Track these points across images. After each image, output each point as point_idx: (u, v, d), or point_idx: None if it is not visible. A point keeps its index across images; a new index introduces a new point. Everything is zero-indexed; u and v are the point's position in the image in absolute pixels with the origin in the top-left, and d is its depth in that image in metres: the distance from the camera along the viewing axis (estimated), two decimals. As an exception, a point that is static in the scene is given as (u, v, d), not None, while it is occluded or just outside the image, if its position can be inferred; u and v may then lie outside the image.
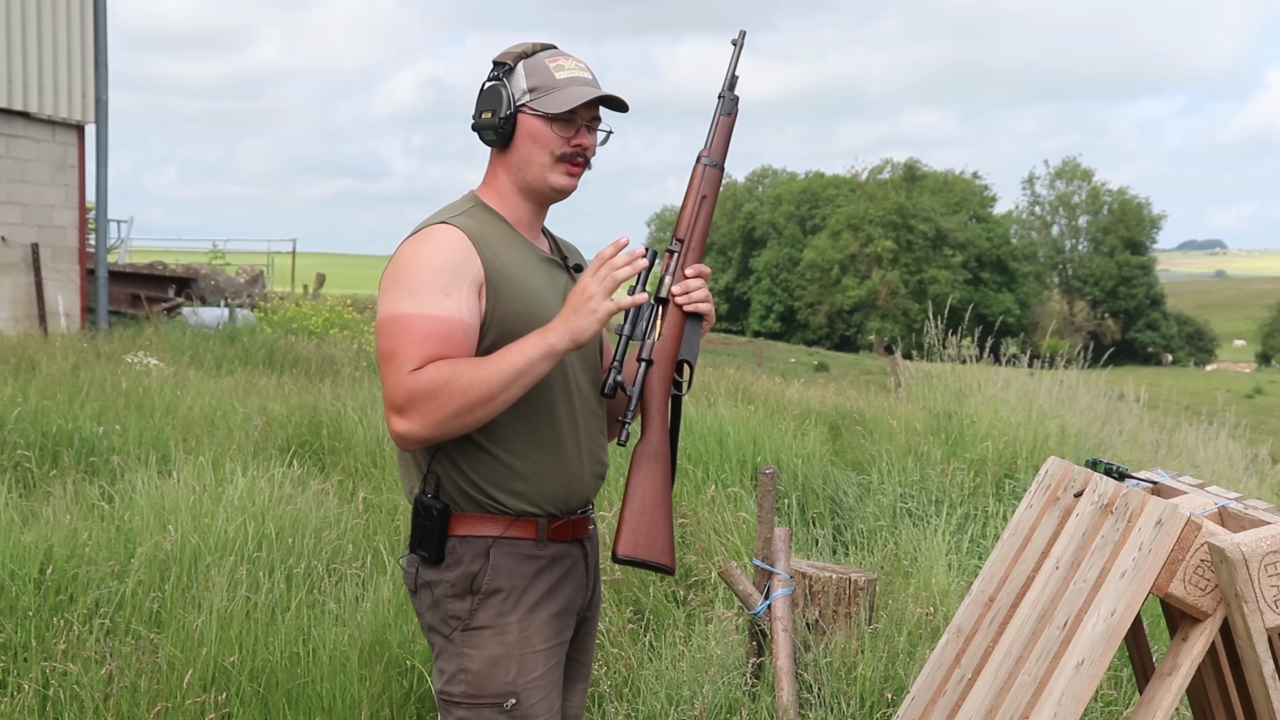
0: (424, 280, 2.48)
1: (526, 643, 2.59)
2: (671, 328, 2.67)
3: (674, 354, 2.67)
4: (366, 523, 6.38)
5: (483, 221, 2.62)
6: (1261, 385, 58.38)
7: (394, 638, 4.50)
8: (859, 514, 7.03)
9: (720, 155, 2.73)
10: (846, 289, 76.50)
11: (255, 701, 4.26)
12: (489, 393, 2.41)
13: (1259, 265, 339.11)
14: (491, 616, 2.58)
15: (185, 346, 14.73)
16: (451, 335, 2.46)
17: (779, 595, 4.66)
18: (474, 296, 2.51)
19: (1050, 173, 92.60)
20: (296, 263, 35.56)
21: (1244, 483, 8.56)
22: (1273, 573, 2.73)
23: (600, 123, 2.69)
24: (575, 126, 2.63)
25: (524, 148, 2.63)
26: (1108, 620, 2.86)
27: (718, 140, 2.73)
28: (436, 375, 2.39)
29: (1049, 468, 3.57)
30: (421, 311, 2.45)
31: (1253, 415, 17.30)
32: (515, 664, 2.58)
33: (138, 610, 4.84)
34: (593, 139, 2.67)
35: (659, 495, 2.63)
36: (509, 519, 2.59)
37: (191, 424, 8.83)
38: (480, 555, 2.57)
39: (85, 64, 18.14)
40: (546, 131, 2.61)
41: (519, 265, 2.60)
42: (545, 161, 2.63)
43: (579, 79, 2.63)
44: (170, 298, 21.43)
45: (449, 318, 2.46)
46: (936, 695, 3.41)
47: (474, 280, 2.51)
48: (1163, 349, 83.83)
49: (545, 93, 2.60)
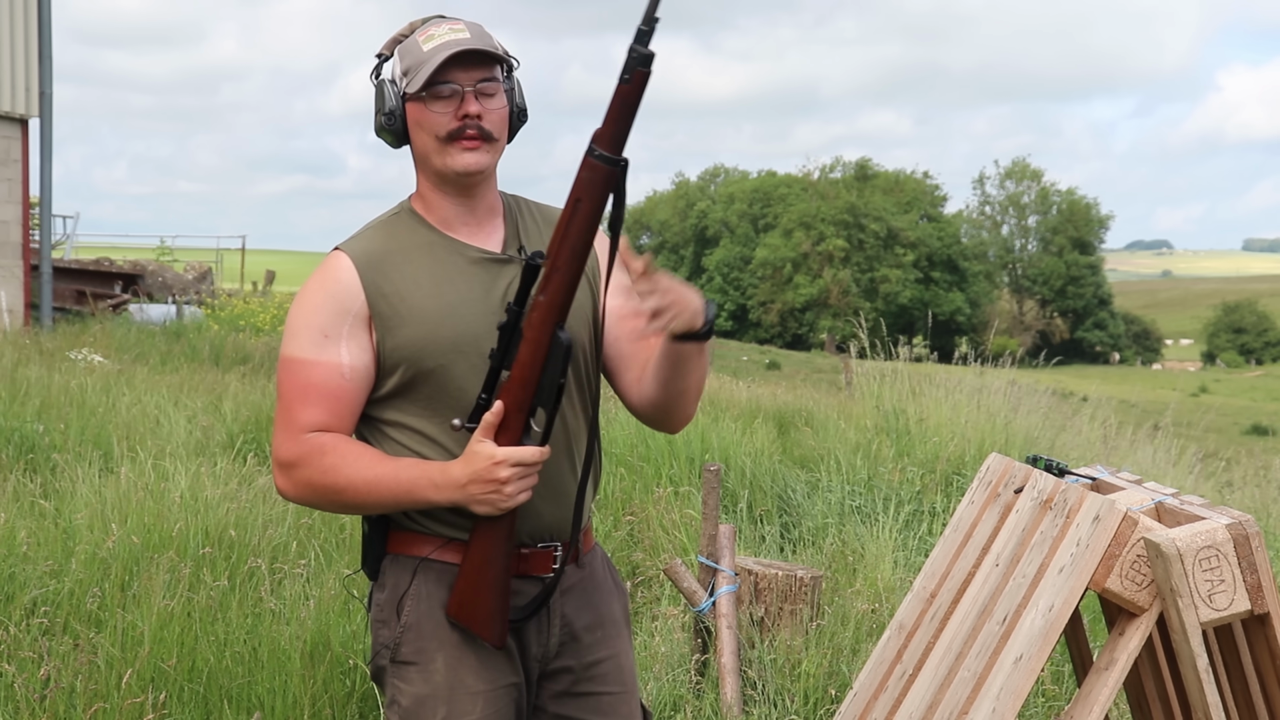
0: (307, 320, 2.33)
1: (458, 683, 2.35)
2: (524, 359, 2.26)
3: (525, 384, 2.26)
4: (312, 521, 6.33)
5: (395, 234, 2.39)
6: (1206, 384, 59.14)
7: (336, 636, 4.47)
8: (807, 511, 7.05)
9: (608, 142, 2.16)
10: (798, 287, 76.79)
11: (194, 701, 4.22)
12: (362, 500, 2.30)
13: (1204, 265, 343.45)
14: (414, 651, 2.37)
15: (131, 343, 14.58)
16: (329, 384, 2.31)
17: (723, 592, 4.66)
18: (360, 333, 2.32)
19: (1000, 173, 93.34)
20: (247, 259, 35.28)
21: (1184, 479, 8.66)
22: (1207, 568, 2.76)
23: (498, 85, 2.33)
24: (459, 96, 2.29)
25: (418, 139, 2.35)
26: (1046, 615, 2.88)
27: (607, 120, 2.16)
28: (320, 460, 2.29)
29: (990, 464, 3.59)
30: (302, 356, 2.32)
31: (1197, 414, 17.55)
32: (444, 705, 2.35)
33: (76, 610, 4.78)
34: (485, 104, 2.31)
35: (486, 562, 2.31)
36: (440, 540, 2.37)
37: (135, 421, 8.74)
38: (408, 575, 2.38)
39: (29, 57, 17.91)
40: (426, 113, 2.30)
41: (420, 284, 2.34)
42: (436, 145, 2.32)
43: (448, 43, 2.28)
44: (117, 294, 21.21)
45: (327, 363, 2.31)
46: (878, 691, 3.42)
47: (357, 315, 2.32)
48: (1110, 348, 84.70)
49: (415, 72, 2.30)
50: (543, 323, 2.23)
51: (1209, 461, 10.47)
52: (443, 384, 2.33)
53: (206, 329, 17.14)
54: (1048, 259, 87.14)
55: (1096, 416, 10.42)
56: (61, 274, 20.65)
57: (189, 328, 17.02)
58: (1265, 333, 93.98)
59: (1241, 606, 2.80)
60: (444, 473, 2.25)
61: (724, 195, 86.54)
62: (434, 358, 2.32)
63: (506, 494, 2.23)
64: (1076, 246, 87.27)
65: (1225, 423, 33.30)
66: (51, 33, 18.22)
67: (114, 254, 30.59)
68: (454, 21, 2.35)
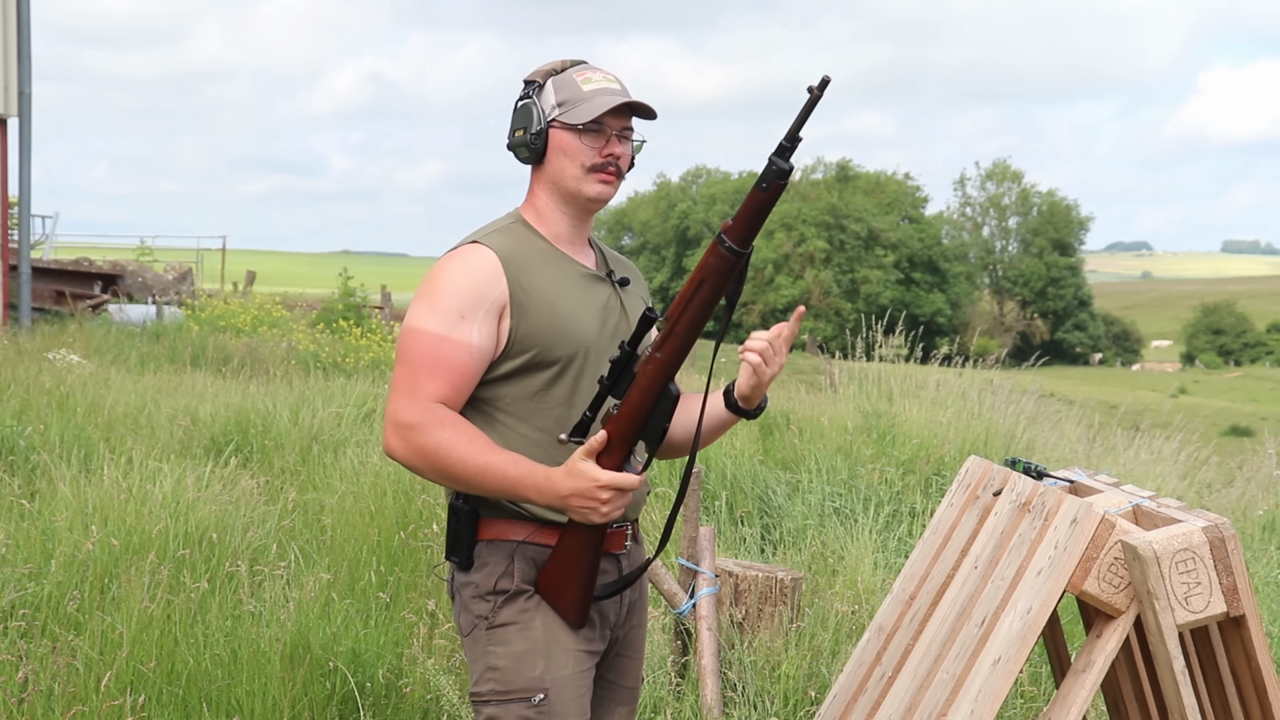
0: (445, 300, 2.59)
1: (554, 639, 2.62)
2: (634, 400, 2.56)
3: (633, 421, 2.56)
4: (293, 523, 6.32)
5: (519, 238, 2.69)
6: (1185, 385, 59.37)
7: (316, 639, 4.46)
8: (787, 513, 7.06)
9: (738, 237, 2.48)
10: (780, 288, 76.82)
11: (174, 704, 4.21)
12: (467, 480, 2.54)
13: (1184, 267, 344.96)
14: (515, 613, 2.63)
15: (110, 344, 14.52)
16: (457, 361, 2.57)
17: (704, 594, 4.67)
18: (492, 321, 2.60)
19: (981, 174, 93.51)
20: (228, 260, 35.16)
21: (1166, 481, 8.70)
22: (1183, 570, 2.78)
23: (633, 132, 2.72)
24: (605, 136, 2.66)
25: (556, 161, 2.68)
26: (1024, 618, 2.90)
27: (739, 218, 2.49)
28: (439, 431, 2.53)
29: (969, 467, 3.60)
30: (436, 330, 2.58)
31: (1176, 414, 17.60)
32: (542, 659, 2.61)
33: (55, 612, 4.76)
34: (625, 148, 2.70)
35: (577, 555, 2.61)
36: (535, 524, 2.63)
37: (115, 422, 8.70)
38: (505, 558, 2.64)
39: (7, 56, 17.81)
40: (576, 143, 2.65)
41: (549, 283, 2.66)
42: (577, 173, 2.67)
43: (606, 89, 2.66)
44: (96, 295, 21.11)
45: (459, 341, 2.57)
46: (858, 693, 3.43)
47: (495, 303, 2.60)
48: (1090, 349, 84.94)
49: (573, 105, 2.65)
50: (657, 375, 2.54)
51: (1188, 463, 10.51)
52: (558, 377, 2.64)
53: (187, 330, 17.07)
54: (1028, 260, 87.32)
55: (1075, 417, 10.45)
56: (40, 274, 20.53)
57: (169, 328, 16.96)
58: (1244, 334, 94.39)
59: (1217, 609, 2.82)
60: (549, 480, 2.52)
61: (705, 196, 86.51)
62: (561, 348, 2.63)
63: (603, 513, 2.53)
64: (1057, 248, 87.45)
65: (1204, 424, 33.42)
66: (31, 32, 18.12)
67: (94, 254, 30.43)
68: (604, 71, 2.72)
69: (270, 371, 13.23)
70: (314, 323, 20.46)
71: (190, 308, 20.67)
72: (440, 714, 4.42)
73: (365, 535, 5.89)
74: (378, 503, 6.22)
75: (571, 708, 2.62)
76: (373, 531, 5.90)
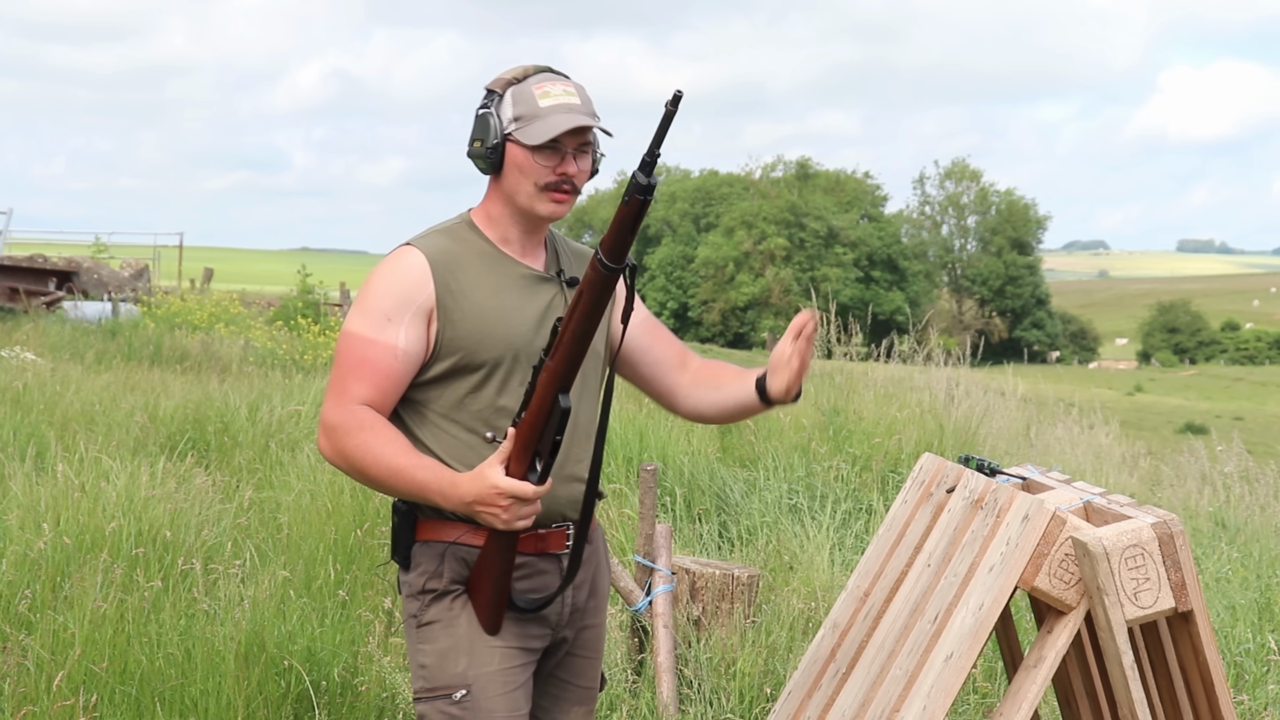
0: (373, 303, 2.63)
1: (478, 635, 2.64)
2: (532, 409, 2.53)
3: (532, 429, 2.53)
4: (249, 521, 6.28)
5: (460, 240, 2.70)
6: (1141, 383, 59.89)
7: (271, 637, 4.44)
8: (744, 510, 7.07)
9: (608, 251, 2.44)
10: (740, 286, 76.94)
11: (126, 704, 4.18)
12: (381, 482, 2.57)
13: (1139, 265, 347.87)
14: (441, 611, 2.65)
15: (65, 341, 14.38)
16: (382, 363, 2.59)
17: (660, 591, 4.68)
18: (419, 324, 2.62)
19: (940, 173, 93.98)
20: (186, 256, 34.88)
21: (1115, 477, 8.78)
22: (1133, 566, 2.81)
23: (591, 146, 2.69)
24: (560, 154, 2.64)
25: (511, 176, 2.66)
26: (976, 614, 2.92)
27: (608, 233, 2.46)
28: (359, 433, 2.55)
29: (923, 464, 3.62)
30: (363, 333, 2.61)
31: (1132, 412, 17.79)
32: (465, 656, 2.63)
33: (6, 612, 4.72)
34: (581, 163, 2.67)
35: (488, 559, 2.61)
36: (467, 525, 2.63)
37: (70, 420, 8.63)
38: (436, 559, 2.65)
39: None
40: (530, 161, 2.63)
41: (481, 286, 2.66)
42: (530, 190, 2.65)
43: (562, 106, 2.63)
44: (51, 291, 20.92)
45: (384, 344, 2.59)
46: (812, 689, 3.45)
47: (422, 306, 2.62)
48: (1048, 347, 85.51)
49: (528, 122, 2.62)
50: (549, 384, 2.52)
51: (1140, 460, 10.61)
52: (486, 379, 2.65)
53: (143, 327, 16.94)
54: (986, 259, 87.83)
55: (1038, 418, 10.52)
56: (-7, 270, 20.34)
57: (125, 325, 16.82)
58: (1198, 332, 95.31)
59: (1166, 604, 2.85)
60: (454, 485, 2.51)
61: (666, 194, 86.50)
62: (488, 351, 2.64)
63: (504, 520, 2.50)
64: (1015, 247, 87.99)
65: (1159, 421, 33.74)
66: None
67: (49, 250, 30.11)
68: (565, 81, 2.68)
69: (228, 369, 13.15)
70: (272, 320, 20.35)
71: (146, 305, 20.51)
72: (395, 712, 4.41)
73: (322, 533, 5.86)
74: (335, 500, 6.20)
75: (498, 704, 2.62)
76: (329, 530, 5.88)
